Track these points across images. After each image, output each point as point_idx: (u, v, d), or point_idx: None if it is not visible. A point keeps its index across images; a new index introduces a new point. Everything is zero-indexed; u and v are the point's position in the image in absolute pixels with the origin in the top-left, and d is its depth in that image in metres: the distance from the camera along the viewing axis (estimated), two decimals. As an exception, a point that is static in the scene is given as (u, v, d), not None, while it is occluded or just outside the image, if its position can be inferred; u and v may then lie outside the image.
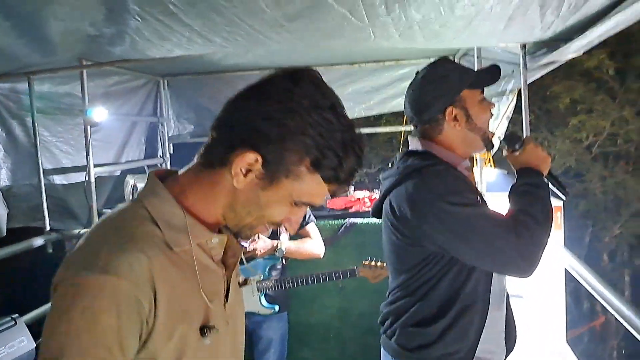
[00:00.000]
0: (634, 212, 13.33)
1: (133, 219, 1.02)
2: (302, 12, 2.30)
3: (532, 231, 1.61)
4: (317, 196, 1.05)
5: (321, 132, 0.98)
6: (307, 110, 0.98)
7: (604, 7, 2.26)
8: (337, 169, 1.01)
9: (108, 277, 0.90)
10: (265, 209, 1.04)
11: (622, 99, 12.37)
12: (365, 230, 3.85)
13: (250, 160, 0.98)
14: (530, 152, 1.81)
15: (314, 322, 3.96)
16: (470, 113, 1.82)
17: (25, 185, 4.09)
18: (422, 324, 1.80)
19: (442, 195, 1.67)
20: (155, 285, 0.95)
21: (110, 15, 2.47)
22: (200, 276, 1.04)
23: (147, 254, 0.96)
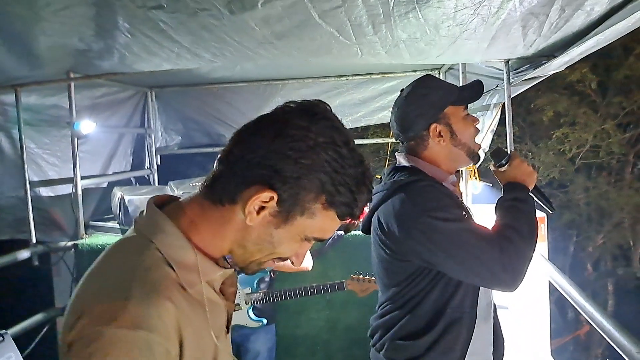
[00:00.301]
0: (616, 222, 13.48)
1: (150, 263, 0.95)
2: (291, 30, 2.34)
3: (516, 245, 1.63)
4: (328, 231, 1.04)
5: (336, 169, 0.97)
6: (324, 147, 0.96)
7: (583, 27, 2.32)
8: (351, 204, 1.00)
9: (142, 332, 0.85)
10: (277, 247, 1.02)
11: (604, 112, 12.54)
12: (353, 242, 3.86)
13: (265, 198, 0.96)
14: (516, 167, 1.83)
15: (302, 335, 3.96)
16: (454, 129, 1.85)
17: (11, 198, 4.06)
18: (410, 338, 1.82)
19: (427, 211, 1.69)
20: (182, 332, 0.92)
21: (99, 31, 2.50)
22: (210, 314, 1.01)
23: (172, 300, 0.91)
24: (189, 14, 2.13)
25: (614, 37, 2.37)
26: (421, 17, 2.14)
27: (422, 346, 1.80)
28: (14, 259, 3.72)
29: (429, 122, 1.84)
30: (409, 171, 1.86)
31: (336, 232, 3.92)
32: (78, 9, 2.19)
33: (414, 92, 1.89)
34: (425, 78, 1.95)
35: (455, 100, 1.85)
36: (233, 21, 2.20)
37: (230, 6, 2.02)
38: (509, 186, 1.82)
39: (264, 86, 5.02)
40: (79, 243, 3.99)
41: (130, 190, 4.44)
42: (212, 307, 1.02)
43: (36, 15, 2.26)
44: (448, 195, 1.79)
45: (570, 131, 12.34)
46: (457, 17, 2.14)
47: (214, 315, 1.03)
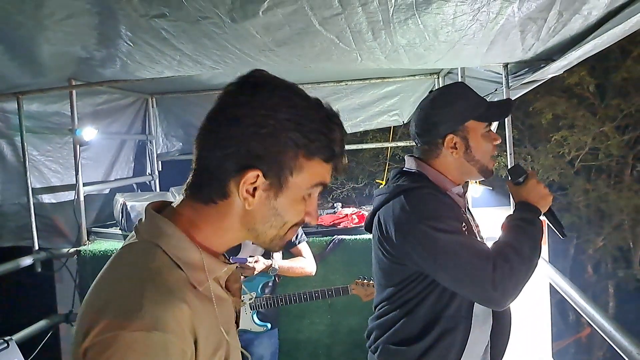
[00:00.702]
0: (616, 224, 13.46)
1: (159, 265, 0.97)
2: (292, 37, 2.36)
3: (512, 265, 1.61)
4: (324, 176, 1.06)
5: (299, 121, 0.99)
6: (277, 109, 0.98)
7: (581, 31, 2.34)
8: (329, 145, 1.02)
9: (158, 333, 0.87)
10: (285, 215, 1.04)
11: (602, 114, 12.53)
12: (354, 246, 3.88)
13: (252, 179, 0.98)
14: (531, 188, 1.81)
15: (304, 339, 3.97)
16: (470, 144, 1.84)
17: (13, 205, 4.09)
18: (403, 343, 1.83)
19: (424, 219, 1.70)
20: (196, 331, 0.94)
21: (102, 39, 2.52)
22: (219, 310, 1.03)
23: (186, 301, 0.93)
24: (191, 22, 2.15)
25: (611, 41, 2.39)
26: (420, 24, 2.16)
27: (416, 352, 1.81)
28: (17, 265, 3.74)
29: (446, 131, 1.84)
30: (414, 177, 1.88)
31: (337, 236, 3.95)
32: (81, 18, 2.21)
33: (441, 97, 1.89)
34: (456, 85, 1.96)
35: (478, 116, 1.84)
36: (235, 29, 2.22)
37: (232, 14, 2.04)
38: (520, 205, 1.80)
39: (264, 92, 5.03)
40: (82, 249, 4.01)
41: (132, 196, 4.46)
42: (220, 303, 1.04)
43: (39, 24, 2.29)
44: (449, 206, 1.80)
45: (569, 134, 12.33)
46: (456, 23, 2.16)
47: (223, 310, 1.05)
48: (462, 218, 1.80)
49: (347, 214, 4.37)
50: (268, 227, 1.04)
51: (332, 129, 1.02)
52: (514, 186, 1.87)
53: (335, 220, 4.29)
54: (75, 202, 4.05)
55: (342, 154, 1.06)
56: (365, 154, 13.04)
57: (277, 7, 1.98)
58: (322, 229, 4.18)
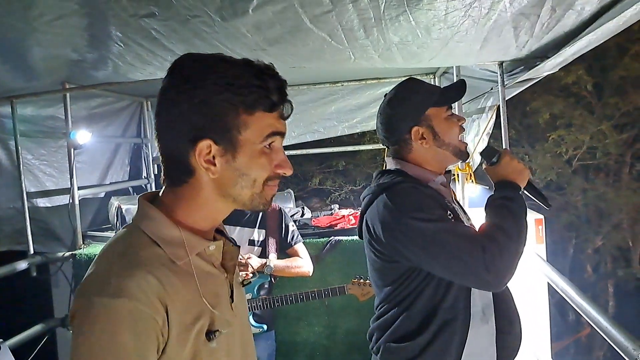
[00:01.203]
0: (615, 223, 13.47)
1: (136, 244, 1.07)
2: (283, 36, 2.35)
3: (501, 245, 1.60)
4: (273, 126, 1.10)
5: (228, 82, 1.04)
6: (201, 78, 1.05)
7: (575, 27, 2.33)
8: (265, 95, 1.06)
9: (121, 300, 0.96)
10: (250, 172, 1.09)
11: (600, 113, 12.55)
12: (350, 247, 3.87)
13: (206, 149, 1.06)
14: (506, 165, 1.81)
15: (301, 341, 3.96)
16: (436, 130, 1.86)
17: (8, 209, 4.07)
18: (403, 340, 1.82)
19: (407, 212, 1.71)
20: (166, 301, 1.01)
21: (92, 41, 2.51)
22: (201, 283, 1.10)
23: (154, 274, 1.02)
24: (181, 21, 2.14)
25: (606, 37, 2.38)
26: (412, 20, 2.15)
27: (416, 348, 1.80)
28: (12, 270, 3.73)
29: (410, 125, 1.86)
30: (394, 174, 1.88)
31: (333, 237, 3.94)
32: (70, 19, 2.20)
33: (396, 96, 1.92)
34: (407, 81, 1.96)
35: (436, 101, 1.85)
36: (225, 28, 2.21)
37: (222, 12, 2.03)
38: (499, 184, 1.80)
39: (259, 93, 5.02)
40: (77, 253, 4.00)
41: (127, 199, 4.45)
42: (205, 278, 1.12)
43: (29, 26, 2.27)
44: (430, 196, 1.78)
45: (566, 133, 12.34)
46: (448, 19, 2.15)
47: (208, 284, 1.12)
48: (447, 206, 1.79)
49: (343, 215, 4.36)
50: (240, 189, 1.10)
51: (265, 80, 1.06)
52: (490, 168, 1.86)
53: (332, 221, 4.28)
54: (70, 206, 4.03)
55: (284, 100, 1.10)
56: (362, 156, 13.04)
57: (267, 5, 1.97)
58: (319, 230, 4.17)
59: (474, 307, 1.80)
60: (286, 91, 1.11)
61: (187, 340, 1.05)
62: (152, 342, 0.99)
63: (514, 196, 1.74)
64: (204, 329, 1.09)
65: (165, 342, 1.02)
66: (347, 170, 13.62)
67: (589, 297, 2.20)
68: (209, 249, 1.15)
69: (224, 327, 1.13)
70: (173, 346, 1.03)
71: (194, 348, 1.07)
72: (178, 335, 1.04)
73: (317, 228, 4.22)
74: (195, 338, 1.07)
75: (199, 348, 1.08)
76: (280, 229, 3.24)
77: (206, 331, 1.09)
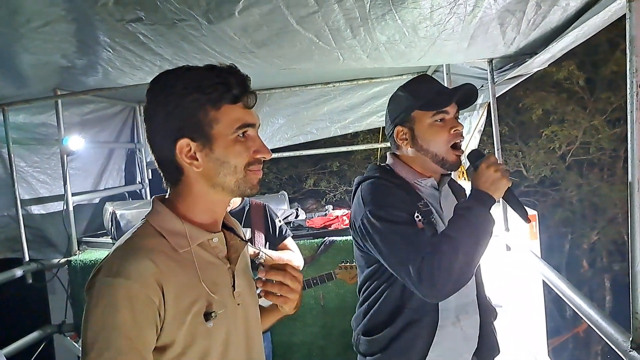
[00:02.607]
0: (609, 218, 13.50)
1: (142, 234, 1.22)
2: (270, 38, 2.35)
3: (442, 257, 1.56)
4: (241, 118, 1.22)
5: (194, 85, 1.19)
6: (171, 86, 1.20)
7: (561, 23, 2.34)
8: (228, 90, 1.19)
9: (121, 279, 1.11)
10: (229, 159, 1.22)
11: (592, 108, 12.58)
12: (345, 247, 3.88)
13: (186, 147, 1.20)
14: (481, 173, 1.72)
15: (298, 342, 3.97)
16: (415, 134, 1.84)
17: (2, 217, 4.07)
18: (371, 333, 1.86)
19: (370, 207, 1.74)
20: (162, 284, 1.14)
21: (81, 47, 2.51)
22: (202, 271, 1.23)
23: (152, 259, 1.15)
24: (168, 25, 2.14)
25: (592, 32, 2.39)
26: (398, 19, 2.15)
27: (382, 342, 1.83)
28: (8, 277, 3.72)
29: (395, 124, 1.89)
30: (378, 169, 1.93)
31: (327, 238, 3.95)
32: (58, 25, 2.20)
33: (395, 92, 1.93)
34: (412, 79, 1.97)
35: (422, 105, 1.83)
36: (212, 31, 2.21)
37: (208, 15, 2.03)
38: (471, 193, 1.72)
39: (251, 96, 5.02)
40: (72, 259, 4.00)
41: (122, 205, 4.44)
42: (206, 266, 1.25)
43: (17, 32, 2.27)
44: (399, 196, 1.78)
45: (559, 129, 12.36)
46: (433, 17, 2.15)
47: (210, 273, 1.26)
48: (418, 209, 1.77)
49: (337, 216, 4.37)
50: (224, 177, 1.23)
51: (225, 77, 1.20)
52: (471, 172, 1.79)
53: (326, 222, 4.29)
54: (64, 213, 4.03)
55: (245, 92, 1.22)
56: (356, 156, 13.03)
57: (253, 7, 1.97)
58: (313, 231, 4.18)
59: (443, 310, 1.80)
60: (248, 84, 1.24)
61: (184, 320, 1.17)
62: (150, 319, 1.12)
63: (477, 208, 1.66)
64: (202, 311, 1.21)
65: (162, 320, 1.15)
66: (342, 170, 13.62)
67: (580, 292, 2.21)
68: (213, 242, 1.29)
69: (220, 309, 1.24)
70: (170, 324, 1.15)
71: (192, 328, 1.18)
72: (174, 315, 1.16)
73: (312, 229, 4.23)
74: (193, 319, 1.19)
75: (196, 328, 1.19)
76: (266, 224, 3.25)
77: (204, 313, 1.21)
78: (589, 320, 1.98)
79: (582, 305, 2.06)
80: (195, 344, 1.19)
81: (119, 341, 1.08)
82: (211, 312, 1.21)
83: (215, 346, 1.23)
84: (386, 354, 1.82)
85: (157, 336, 1.15)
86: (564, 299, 2.28)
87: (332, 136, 5.97)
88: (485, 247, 1.64)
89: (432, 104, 1.82)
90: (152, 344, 1.14)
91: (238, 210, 3.20)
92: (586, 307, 2.03)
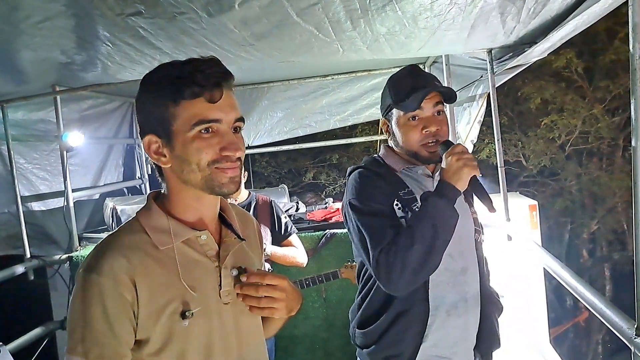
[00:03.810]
0: (609, 207, 13.51)
1: (125, 230, 1.24)
2: (270, 31, 2.35)
3: (397, 249, 1.59)
4: (201, 114, 1.17)
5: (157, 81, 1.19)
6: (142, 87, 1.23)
7: (561, 12, 2.33)
8: (187, 85, 1.16)
9: (93, 275, 1.13)
10: (189, 157, 1.18)
11: (591, 97, 12.57)
12: (346, 240, 3.88)
13: (151, 143, 1.22)
14: (444, 164, 1.70)
15: (300, 335, 3.98)
16: (392, 130, 1.89)
17: (3, 214, 4.07)
18: (364, 326, 1.88)
19: (349, 198, 1.80)
20: (135, 280, 1.15)
21: (81, 42, 2.50)
22: (184, 268, 1.22)
23: (127, 256, 1.17)
24: (168, 18, 2.13)
25: (592, 20, 2.39)
26: (398, 10, 2.15)
27: (375, 334, 1.84)
28: (9, 274, 3.73)
29: (383, 116, 1.95)
30: (367, 160, 1.98)
31: (328, 230, 3.95)
32: (57, 20, 2.19)
33: (386, 83, 1.95)
34: (399, 71, 1.94)
35: (394, 103, 1.85)
36: (212, 24, 2.21)
37: (208, 8, 2.02)
38: (437, 184, 1.71)
39: (250, 90, 5.02)
40: (74, 255, 4.00)
41: (122, 200, 4.45)
42: (189, 264, 1.24)
43: (16, 29, 2.26)
44: (378, 187, 1.79)
45: (558, 118, 12.36)
46: (434, 8, 2.15)
47: (194, 271, 1.24)
48: (396, 197, 1.78)
49: (338, 209, 4.37)
50: (188, 174, 1.20)
51: (189, 72, 1.16)
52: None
53: (327, 215, 4.30)
54: (64, 209, 4.03)
55: (207, 86, 1.17)
56: (355, 148, 13.03)
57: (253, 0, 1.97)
58: (314, 224, 4.19)
59: (435, 300, 1.80)
60: (217, 78, 1.18)
61: (159, 318, 1.17)
62: (122, 314, 1.14)
63: (431, 197, 1.66)
64: (179, 309, 1.20)
65: (137, 315, 1.16)
66: (341, 163, 13.63)
67: (583, 280, 2.21)
68: (201, 239, 1.28)
69: (197, 307, 1.22)
70: (145, 321, 1.16)
71: (168, 326, 1.18)
72: (149, 312, 1.17)
73: (312, 222, 4.24)
74: (169, 317, 1.18)
75: (172, 326, 1.19)
76: (272, 220, 3.25)
77: (182, 310, 1.20)
78: (593, 308, 1.98)
79: (586, 294, 2.07)
80: (172, 342, 1.19)
81: (92, 335, 1.12)
82: (187, 311, 1.20)
83: (193, 345, 1.21)
84: (379, 345, 1.83)
85: (135, 331, 1.16)
86: (567, 288, 2.28)
87: (331, 129, 5.97)
88: (445, 238, 1.63)
89: (403, 105, 1.82)
90: (128, 339, 1.16)
91: (244, 205, 3.22)
92: (590, 295, 2.03)
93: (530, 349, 3.46)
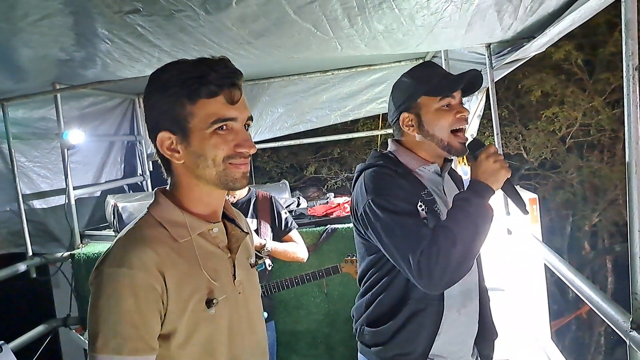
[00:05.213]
0: (610, 199, 13.49)
1: (143, 225, 1.27)
2: (268, 28, 2.35)
3: (441, 249, 1.57)
4: (218, 113, 1.22)
5: (174, 79, 1.21)
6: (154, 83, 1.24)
7: (558, 7, 2.33)
8: (205, 84, 1.20)
9: (124, 269, 1.15)
10: (206, 153, 1.23)
11: (592, 89, 12.55)
12: (347, 235, 3.88)
13: (166, 140, 1.24)
14: (480, 164, 1.72)
15: (302, 330, 3.99)
16: (422, 120, 1.83)
17: (5, 212, 4.09)
18: (375, 324, 1.86)
19: (372, 196, 1.74)
20: (164, 272, 1.18)
21: (79, 40, 2.51)
22: (203, 260, 1.27)
23: (154, 248, 1.20)
24: (165, 16, 2.14)
25: (590, 14, 2.38)
26: (395, 8, 2.15)
27: (387, 333, 1.83)
28: (12, 272, 3.74)
29: (400, 110, 1.87)
30: (381, 156, 1.91)
31: (330, 226, 3.95)
32: (56, 18, 2.19)
33: (399, 79, 1.92)
34: (417, 66, 1.96)
35: (427, 90, 1.82)
36: (210, 22, 2.21)
37: (206, 6, 2.03)
38: (470, 184, 1.72)
39: (250, 86, 5.03)
40: (76, 253, 4.01)
41: (124, 197, 4.45)
42: (207, 256, 1.29)
43: (15, 26, 2.26)
44: (401, 186, 1.77)
45: (559, 110, 12.34)
46: (431, 5, 2.15)
47: (211, 262, 1.30)
48: (422, 198, 1.78)
49: (339, 204, 4.37)
50: (203, 169, 1.25)
51: (206, 72, 1.20)
52: (472, 163, 1.79)
53: (328, 210, 4.30)
54: (66, 206, 4.04)
55: (224, 86, 1.22)
56: (357, 142, 13.04)
57: (250, -3, 1.98)
58: (315, 219, 4.18)
59: (448, 298, 1.81)
60: (233, 78, 1.23)
61: (186, 307, 1.21)
62: (153, 306, 1.17)
63: (472, 198, 1.67)
64: (204, 298, 1.25)
65: (166, 307, 1.19)
66: (342, 157, 13.64)
67: (581, 274, 2.22)
68: (213, 232, 1.33)
69: (221, 295, 1.28)
70: (172, 312, 1.20)
71: (194, 315, 1.23)
72: (177, 302, 1.20)
73: (313, 217, 4.24)
74: (195, 306, 1.23)
75: (199, 315, 1.24)
76: (272, 216, 3.26)
77: (206, 300, 1.25)
78: (590, 302, 2.00)
79: (583, 287, 2.08)
80: (199, 331, 1.24)
81: (124, 329, 1.13)
82: (212, 299, 1.26)
83: (219, 332, 1.28)
84: (391, 344, 1.82)
85: (162, 323, 1.19)
86: (565, 282, 2.30)
87: (332, 124, 5.98)
88: (483, 238, 1.65)
89: (439, 89, 1.82)
90: (157, 330, 1.18)
91: (244, 201, 3.22)
92: (586, 288, 2.05)
93: (531, 343, 3.47)
